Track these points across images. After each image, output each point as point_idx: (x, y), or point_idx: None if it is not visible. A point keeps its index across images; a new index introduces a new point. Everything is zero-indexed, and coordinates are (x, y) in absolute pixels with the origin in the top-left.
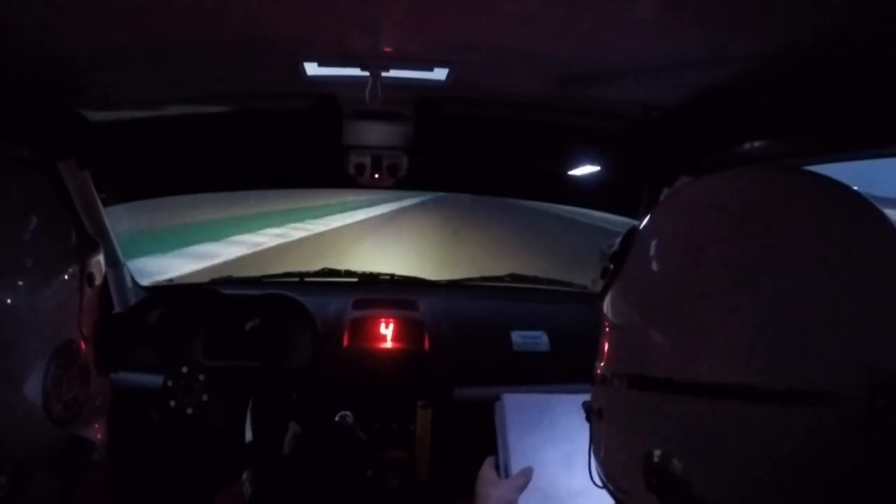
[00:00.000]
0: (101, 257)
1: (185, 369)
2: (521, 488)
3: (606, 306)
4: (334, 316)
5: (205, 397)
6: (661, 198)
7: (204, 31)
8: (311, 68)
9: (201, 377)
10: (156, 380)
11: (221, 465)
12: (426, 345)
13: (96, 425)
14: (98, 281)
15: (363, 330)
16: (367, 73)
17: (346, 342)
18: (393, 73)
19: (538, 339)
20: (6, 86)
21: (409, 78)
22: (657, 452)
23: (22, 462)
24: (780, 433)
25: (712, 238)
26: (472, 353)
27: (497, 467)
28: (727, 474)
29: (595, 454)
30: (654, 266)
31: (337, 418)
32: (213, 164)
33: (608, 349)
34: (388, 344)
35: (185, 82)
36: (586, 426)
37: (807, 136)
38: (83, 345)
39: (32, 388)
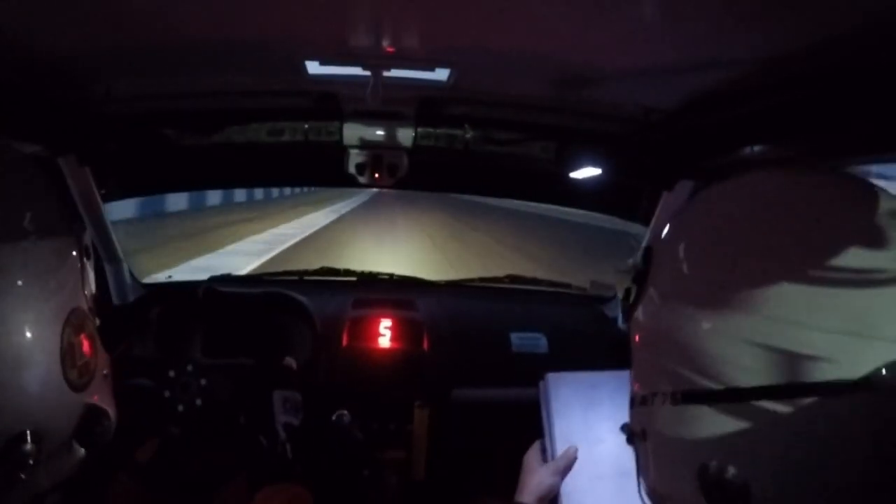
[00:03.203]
0: (88, 231)
1: (181, 367)
2: (563, 471)
3: (636, 325)
4: (333, 315)
5: (198, 403)
6: (661, 202)
7: (206, 29)
8: (313, 67)
9: (203, 383)
10: (154, 378)
11: (224, 463)
12: (425, 345)
13: (106, 395)
14: (91, 253)
15: (362, 329)
16: (368, 73)
17: (345, 341)
18: (394, 72)
19: (537, 341)
20: (8, 81)
21: (411, 78)
22: (713, 464)
23: (43, 429)
24: (833, 424)
25: (746, 243)
26: (470, 354)
27: (543, 450)
28: (788, 477)
29: (643, 476)
30: (685, 279)
31: (334, 417)
32: (212, 162)
33: (644, 369)
34: (387, 344)
35: (185, 79)
36: None
37: (807, 139)
38: (88, 312)
39: (50, 353)
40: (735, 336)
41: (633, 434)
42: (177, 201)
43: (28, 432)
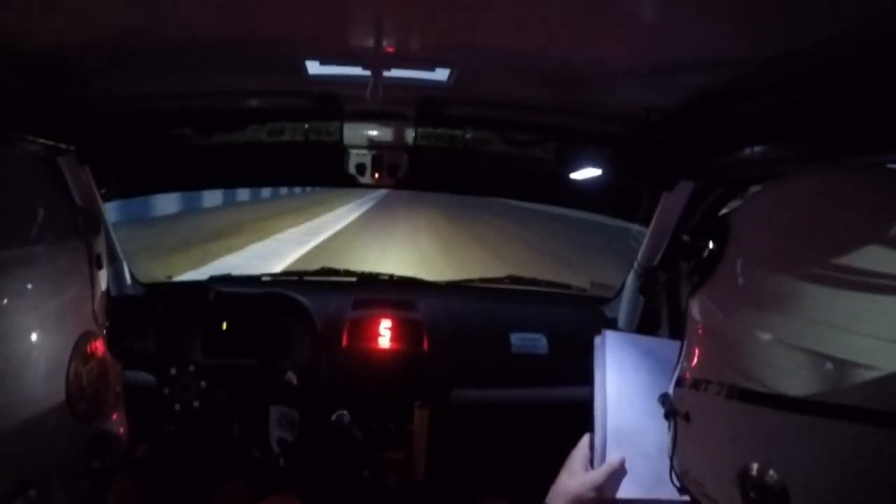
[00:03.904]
0: (102, 237)
1: (181, 367)
2: (605, 487)
3: (700, 307)
4: (333, 316)
5: (196, 403)
6: (661, 202)
7: (206, 29)
8: (313, 66)
9: (203, 383)
10: (154, 377)
11: (220, 463)
12: (425, 345)
13: (116, 417)
14: (105, 262)
15: (362, 330)
16: (368, 73)
17: (344, 342)
18: (395, 72)
19: (537, 342)
20: (8, 81)
21: (411, 78)
22: (755, 466)
23: (49, 467)
24: (881, 447)
25: (797, 246)
26: (470, 355)
27: (591, 447)
28: (833, 494)
29: (678, 456)
30: (765, 272)
31: (333, 417)
32: (213, 161)
33: (702, 353)
34: (387, 344)
35: (186, 79)
36: None
37: (807, 140)
38: (99, 334)
39: (55, 387)
40: (792, 343)
41: (675, 412)
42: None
43: (31, 474)
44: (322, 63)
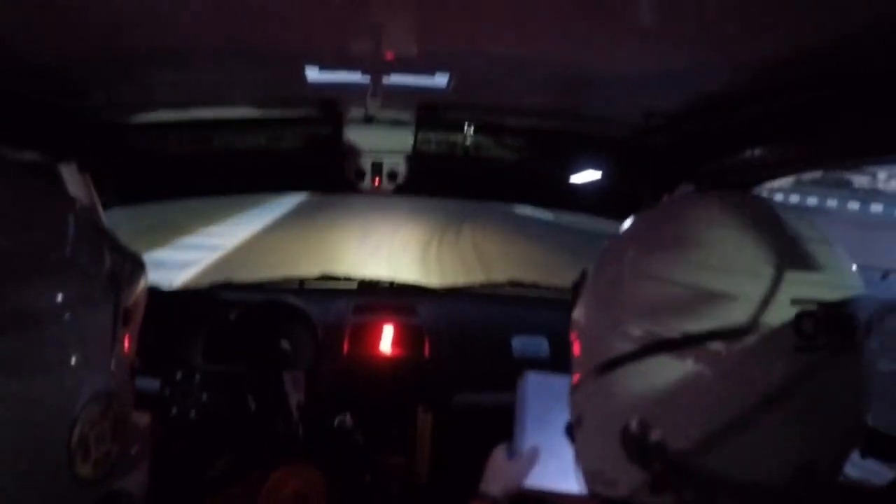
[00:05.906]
0: (143, 282)
1: (181, 373)
2: (527, 471)
3: (572, 322)
4: (334, 321)
5: (196, 410)
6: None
7: (205, 36)
8: (313, 73)
9: (203, 390)
10: (154, 383)
11: (219, 467)
12: (426, 351)
13: (132, 476)
14: (138, 316)
15: (363, 335)
16: (367, 78)
17: (346, 348)
18: (394, 78)
19: (538, 346)
20: (8, 87)
21: (410, 83)
22: (633, 422)
23: None
24: (718, 369)
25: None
26: (471, 359)
27: (508, 450)
28: (686, 422)
29: (581, 463)
30: (599, 277)
31: (336, 422)
32: (213, 168)
33: (575, 358)
34: (388, 349)
35: (186, 86)
36: None
37: (805, 143)
38: (115, 392)
39: (55, 452)
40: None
41: (570, 428)
42: None
43: None
44: (321, 69)
